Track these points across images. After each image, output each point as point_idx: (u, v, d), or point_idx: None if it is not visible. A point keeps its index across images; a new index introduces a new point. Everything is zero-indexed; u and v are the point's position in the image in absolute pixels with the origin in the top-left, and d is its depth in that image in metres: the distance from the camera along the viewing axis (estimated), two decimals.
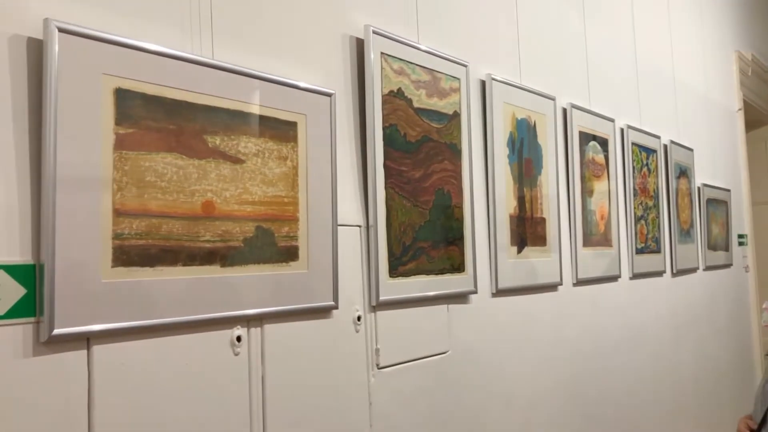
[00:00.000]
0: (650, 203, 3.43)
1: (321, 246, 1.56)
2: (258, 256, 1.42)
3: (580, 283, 2.71)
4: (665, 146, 3.66)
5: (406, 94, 1.86)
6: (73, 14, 1.16)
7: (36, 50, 1.10)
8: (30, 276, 1.08)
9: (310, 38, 1.62)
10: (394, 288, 1.77)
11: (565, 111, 2.71)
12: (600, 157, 2.95)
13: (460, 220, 2.04)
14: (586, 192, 2.81)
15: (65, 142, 1.11)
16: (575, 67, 2.86)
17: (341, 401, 1.62)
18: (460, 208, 2.05)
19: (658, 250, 3.47)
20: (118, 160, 1.19)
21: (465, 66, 2.10)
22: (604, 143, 2.99)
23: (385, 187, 1.77)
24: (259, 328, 1.43)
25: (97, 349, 1.16)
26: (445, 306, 1.98)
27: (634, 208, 3.25)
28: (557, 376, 2.51)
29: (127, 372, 1.20)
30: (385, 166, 1.77)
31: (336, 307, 1.59)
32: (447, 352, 1.97)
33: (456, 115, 2.05)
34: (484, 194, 2.21)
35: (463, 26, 2.18)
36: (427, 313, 1.91)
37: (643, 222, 3.33)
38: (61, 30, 1.11)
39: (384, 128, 1.78)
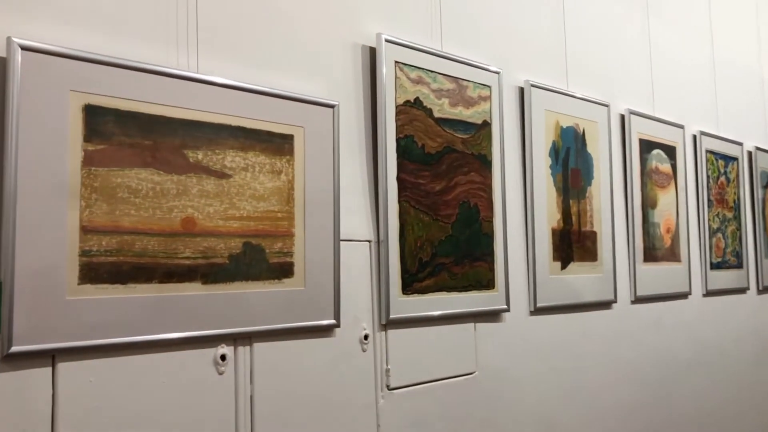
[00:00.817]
0: (729, 215, 3.17)
1: (320, 262, 1.51)
2: (246, 273, 1.38)
3: (639, 300, 2.52)
4: (749, 153, 3.38)
5: (425, 104, 1.78)
6: (42, 32, 1.16)
7: (5, 68, 1.11)
8: None
9: (313, 48, 1.58)
10: (407, 305, 1.69)
11: (622, 118, 2.54)
12: (666, 167, 2.75)
13: (490, 235, 1.93)
14: (648, 204, 2.62)
15: (29, 158, 1.11)
16: (636, 70, 2.67)
17: (344, 424, 1.55)
18: (490, 222, 1.94)
19: (739, 266, 3.20)
20: (87, 176, 1.18)
21: (497, 73, 1.99)
22: (670, 151, 2.78)
23: (399, 201, 1.69)
24: (247, 347, 1.39)
25: (63, 367, 1.15)
26: (472, 324, 1.88)
27: (709, 220, 3.01)
28: (612, 400, 2.34)
29: (96, 390, 1.18)
30: (399, 178, 1.70)
31: (338, 326, 1.53)
32: (473, 373, 1.87)
33: (486, 125, 1.95)
34: (522, 207, 2.09)
35: (498, 31, 2.07)
36: (448, 332, 1.81)
37: (719, 235, 3.08)
38: (23, 48, 1.11)
39: (398, 139, 1.70)
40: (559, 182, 2.21)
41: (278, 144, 1.45)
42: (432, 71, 1.81)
